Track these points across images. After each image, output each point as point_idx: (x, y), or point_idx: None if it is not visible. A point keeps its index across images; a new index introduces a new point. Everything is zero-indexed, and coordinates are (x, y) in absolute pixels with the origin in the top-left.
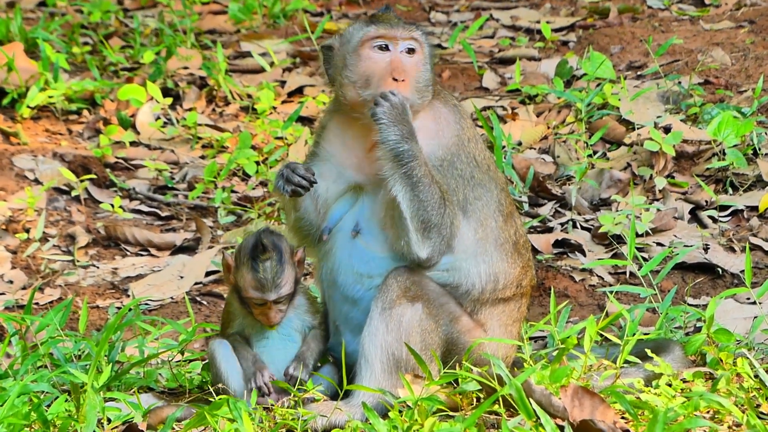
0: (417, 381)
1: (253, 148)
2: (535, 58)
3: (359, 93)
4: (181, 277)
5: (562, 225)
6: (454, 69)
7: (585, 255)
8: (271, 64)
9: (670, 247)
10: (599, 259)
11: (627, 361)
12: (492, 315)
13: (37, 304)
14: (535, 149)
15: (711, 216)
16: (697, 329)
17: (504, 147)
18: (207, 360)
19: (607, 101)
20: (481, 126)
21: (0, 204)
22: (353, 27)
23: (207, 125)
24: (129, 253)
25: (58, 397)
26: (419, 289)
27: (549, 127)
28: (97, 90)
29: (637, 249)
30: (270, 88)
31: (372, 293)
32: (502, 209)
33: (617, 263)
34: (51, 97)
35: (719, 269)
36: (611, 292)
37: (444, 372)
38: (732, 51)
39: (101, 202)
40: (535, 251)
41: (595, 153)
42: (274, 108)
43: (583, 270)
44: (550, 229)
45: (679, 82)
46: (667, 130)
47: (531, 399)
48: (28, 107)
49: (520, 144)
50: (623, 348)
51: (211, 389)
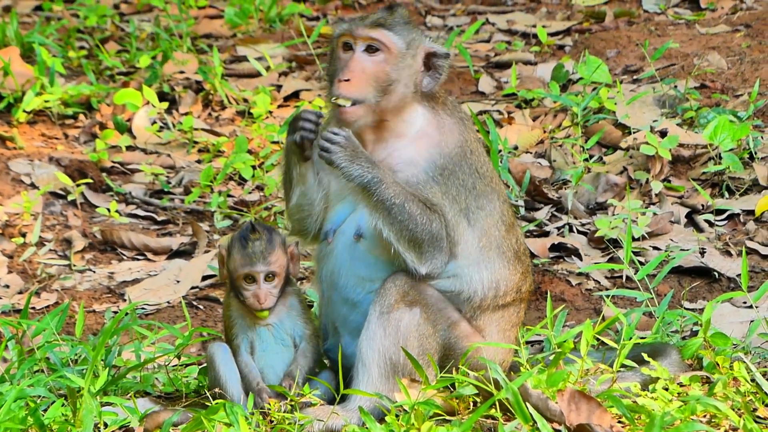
0: (414, 385)
1: (250, 152)
2: (531, 62)
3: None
4: (178, 282)
5: (558, 229)
6: (450, 73)
7: (581, 259)
8: (267, 68)
9: (666, 251)
10: (596, 263)
11: (624, 365)
12: (491, 321)
13: (34, 308)
14: (532, 153)
15: (707, 220)
16: (694, 333)
17: (500, 151)
18: (204, 364)
19: (604, 105)
20: (478, 130)
21: None
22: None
23: (203, 129)
24: (125, 258)
25: (54, 402)
26: (417, 294)
27: (545, 132)
28: (93, 94)
29: (634, 253)
30: (266, 92)
31: (372, 296)
32: (504, 219)
33: (614, 267)
34: (47, 102)
35: (716, 273)
36: (608, 296)
37: (441, 376)
38: (728, 55)
39: (97, 206)
40: (532, 255)
41: (592, 157)
42: (270, 112)
43: (580, 274)
44: (546, 234)
45: (675, 86)
46: (664, 134)
47: (528, 403)
48: (24, 111)
49: (516, 148)
50: (620, 352)
51: (208, 393)
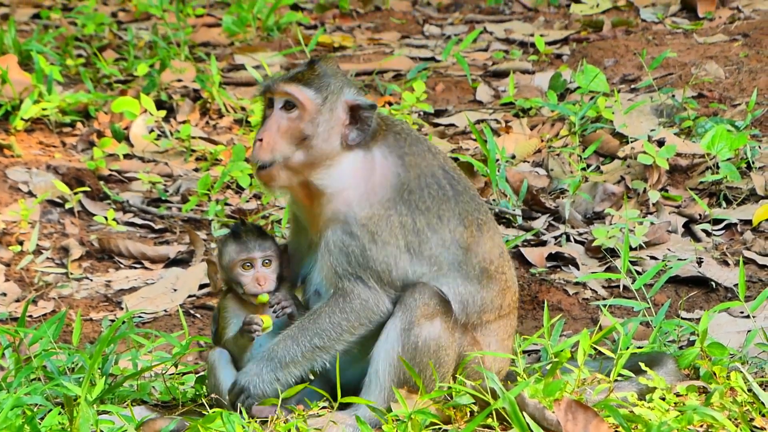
0: (411, 396)
1: (247, 160)
2: (529, 71)
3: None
4: (175, 290)
5: (555, 238)
6: (447, 82)
7: (578, 268)
8: (265, 76)
9: (663, 261)
10: (593, 273)
11: (621, 375)
12: (488, 332)
13: (31, 316)
14: (529, 162)
15: (705, 229)
16: (691, 343)
17: (498, 160)
18: (200, 373)
19: (601, 114)
20: (475, 139)
21: None
22: None
23: (201, 138)
24: (122, 266)
25: (51, 410)
26: (437, 304)
27: (543, 141)
28: (91, 102)
29: (631, 262)
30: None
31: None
32: (459, 243)
33: (611, 277)
34: (45, 110)
35: (713, 283)
36: (605, 305)
37: (439, 386)
38: (726, 64)
39: (95, 214)
40: (529, 264)
41: (589, 166)
42: None
43: (577, 283)
44: (543, 243)
45: (673, 95)
46: (661, 143)
47: (524, 412)
48: (21, 119)
49: (513, 157)
50: (617, 362)
51: (205, 401)
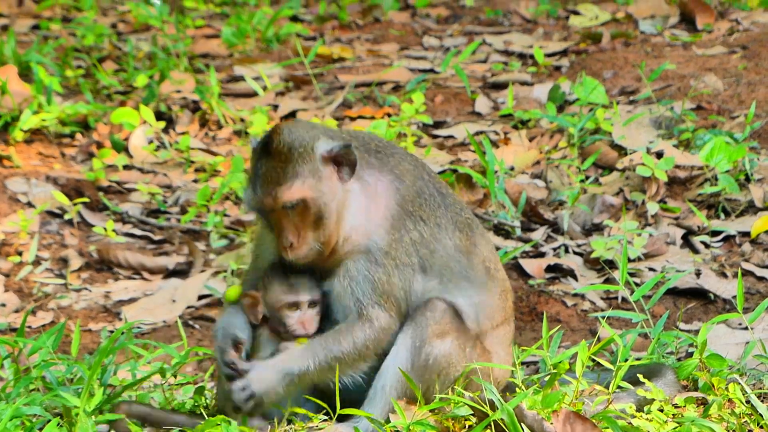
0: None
1: (246, 172)
2: (528, 82)
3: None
4: (174, 301)
5: (554, 250)
6: (446, 93)
7: (577, 280)
8: (264, 88)
9: (662, 273)
10: (591, 284)
11: (619, 386)
12: (495, 340)
13: (30, 327)
14: (528, 174)
15: (703, 241)
16: (689, 354)
17: (496, 172)
18: (198, 384)
19: (600, 126)
20: (474, 150)
21: None
22: None
23: (200, 149)
24: (121, 277)
25: (50, 421)
26: (449, 322)
27: (541, 152)
28: (91, 113)
29: (630, 274)
30: (263, 112)
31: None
32: (460, 248)
33: (609, 288)
34: (44, 121)
35: (711, 294)
36: (603, 317)
37: (437, 397)
38: (724, 76)
39: (94, 225)
40: (528, 276)
41: (588, 178)
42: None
43: (575, 295)
44: (542, 254)
45: (672, 107)
46: (660, 155)
47: (523, 424)
48: (21, 130)
49: (512, 169)
50: (615, 373)
51: (203, 413)
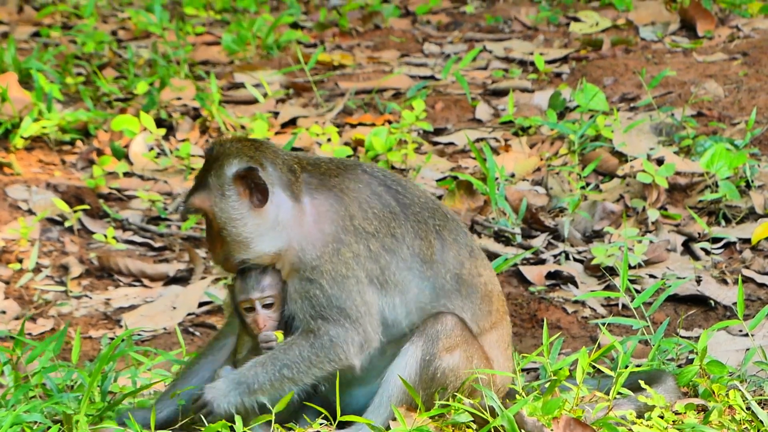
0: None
1: None
2: (528, 89)
3: None
4: (174, 308)
5: (554, 257)
6: (447, 100)
7: (578, 287)
8: (265, 95)
9: (662, 279)
10: (592, 291)
11: (619, 393)
12: (491, 344)
13: (30, 334)
14: (528, 181)
15: (704, 248)
16: (690, 361)
17: (497, 179)
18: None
19: (600, 133)
20: (474, 157)
21: None
22: None
23: (200, 156)
24: (122, 284)
25: (50, 428)
26: (460, 335)
27: (542, 159)
28: (91, 120)
29: (630, 281)
30: (263, 119)
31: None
32: (422, 257)
33: (610, 295)
34: (44, 128)
35: (712, 301)
36: (604, 323)
37: (438, 404)
38: (725, 83)
39: (94, 232)
40: (528, 283)
41: (588, 185)
42: (267, 139)
43: (576, 302)
44: (542, 261)
45: (672, 114)
46: (660, 162)
47: (523, 430)
48: (21, 138)
49: (513, 175)
50: (616, 380)
51: (204, 420)
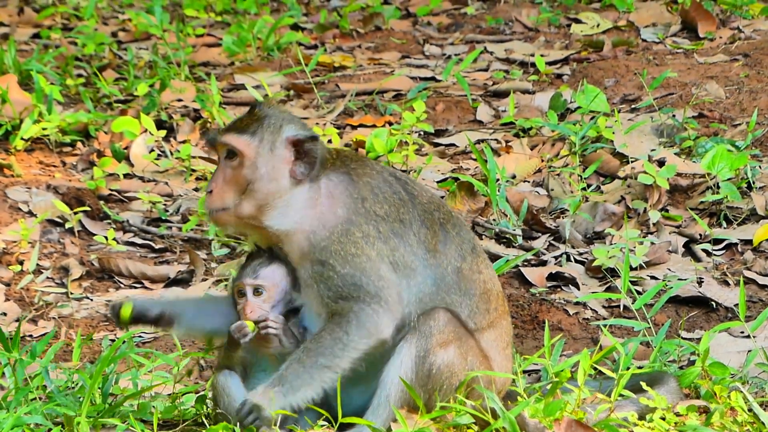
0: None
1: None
2: (529, 91)
3: None
4: None
5: (555, 258)
6: (448, 102)
7: (579, 288)
8: (265, 96)
9: (664, 281)
10: (593, 293)
11: (621, 395)
12: (489, 343)
13: (31, 336)
14: (529, 182)
15: (705, 249)
16: (691, 363)
17: (498, 180)
18: (201, 392)
19: (601, 134)
20: (475, 159)
21: None
22: None
23: (201, 157)
24: (123, 286)
25: (51, 430)
26: (452, 330)
27: (543, 160)
28: (91, 122)
29: (631, 282)
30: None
31: (362, 372)
32: (426, 245)
33: (611, 297)
34: (45, 129)
35: (713, 303)
36: (605, 325)
37: (439, 405)
38: (726, 84)
39: (95, 234)
40: (529, 284)
41: (589, 186)
42: None
43: (577, 303)
44: (543, 263)
45: (674, 115)
46: (661, 163)
47: None
48: (21, 139)
49: (514, 177)
50: (617, 382)
51: (206, 421)
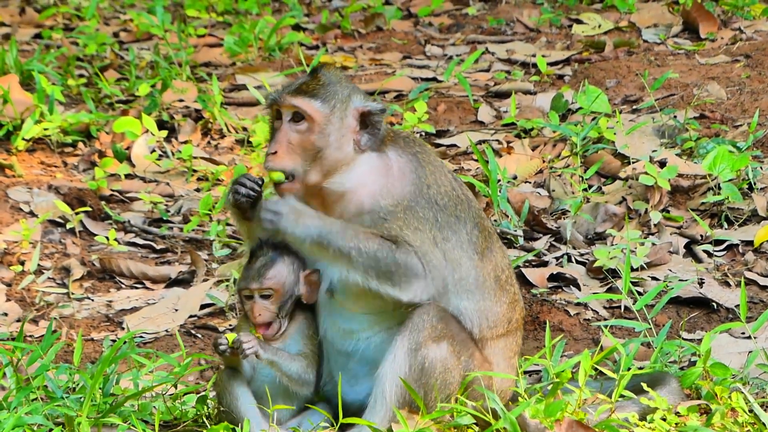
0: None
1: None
2: (531, 91)
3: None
4: (176, 310)
5: (557, 259)
6: (449, 102)
7: (580, 289)
8: (266, 96)
9: (665, 282)
10: (594, 294)
11: (622, 395)
12: (495, 350)
13: (32, 336)
14: (531, 183)
15: (706, 250)
16: (692, 363)
17: (499, 181)
18: (201, 393)
19: (603, 135)
20: (476, 159)
21: None
22: None
23: (202, 158)
24: (124, 286)
25: (52, 430)
26: (445, 327)
27: (544, 161)
28: (93, 122)
29: (632, 283)
30: (265, 121)
31: (364, 345)
32: (476, 247)
33: (612, 297)
34: (46, 130)
35: (714, 304)
36: (606, 326)
37: (440, 406)
38: (727, 85)
39: (96, 234)
40: (530, 285)
41: (591, 187)
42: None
43: (578, 304)
44: (545, 263)
45: (675, 116)
46: (663, 164)
47: None
48: (23, 139)
49: (515, 178)
50: (618, 382)
51: (207, 421)
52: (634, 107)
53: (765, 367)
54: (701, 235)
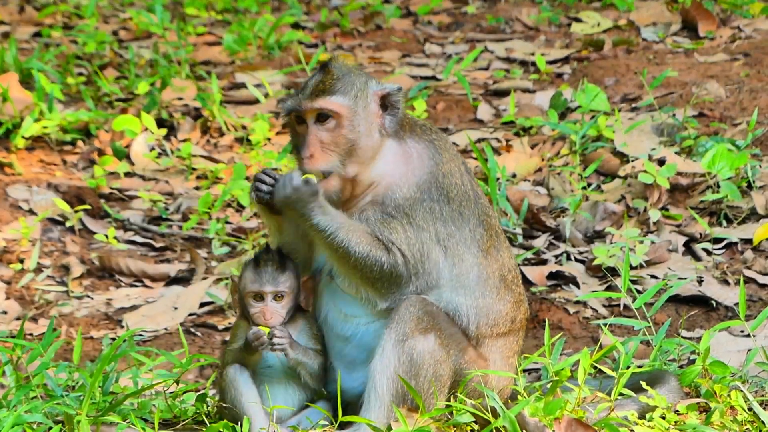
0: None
1: (248, 179)
2: (530, 90)
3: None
4: (176, 308)
5: (556, 257)
6: (448, 101)
7: (579, 287)
8: (266, 95)
9: (664, 280)
10: (593, 292)
11: (621, 394)
12: (493, 348)
13: (31, 334)
14: (530, 181)
15: (705, 248)
16: (691, 362)
17: (498, 179)
18: (200, 391)
19: (602, 133)
20: (476, 158)
21: None
22: None
23: (201, 156)
24: (123, 284)
25: (51, 428)
26: (432, 320)
27: (543, 159)
28: (92, 120)
29: (631, 281)
30: (264, 119)
31: (363, 329)
32: (479, 245)
33: (611, 296)
34: (45, 128)
35: (713, 302)
36: (605, 324)
37: (439, 403)
38: (726, 84)
39: (95, 232)
40: (530, 283)
41: (590, 185)
42: (268, 139)
43: (577, 302)
44: (544, 261)
45: (674, 114)
46: (662, 162)
47: (525, 431)
48: (22, 138)
49: (514, 176)
50: (617, 381)
51: (207, 421)
52: (633, 105)
53: (764, 365)
54: (700, 234)
